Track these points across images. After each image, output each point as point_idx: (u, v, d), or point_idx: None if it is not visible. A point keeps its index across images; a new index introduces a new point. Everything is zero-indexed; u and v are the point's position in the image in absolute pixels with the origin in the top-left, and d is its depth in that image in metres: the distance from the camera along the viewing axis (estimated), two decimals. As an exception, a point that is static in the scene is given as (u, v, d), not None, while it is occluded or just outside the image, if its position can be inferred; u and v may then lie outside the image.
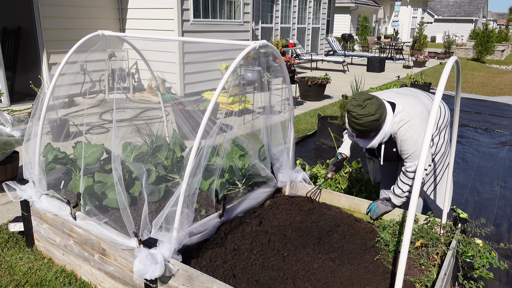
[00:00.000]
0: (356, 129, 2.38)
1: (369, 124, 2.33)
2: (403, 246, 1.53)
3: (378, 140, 2.48)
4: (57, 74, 2.63)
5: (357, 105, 2.32)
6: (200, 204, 2.78)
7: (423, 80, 9.48)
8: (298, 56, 13.36)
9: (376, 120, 2.32)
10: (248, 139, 3.27)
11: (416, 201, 1.54)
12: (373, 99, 2.33)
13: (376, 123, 2.34)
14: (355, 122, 2.34)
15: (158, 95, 5.53)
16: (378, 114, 2.32)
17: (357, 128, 2.38)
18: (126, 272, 2.30)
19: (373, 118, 2.31)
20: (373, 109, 2.30)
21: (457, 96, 2.19)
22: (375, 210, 2.75)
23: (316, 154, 5.41)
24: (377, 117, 2.32)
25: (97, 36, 2.75)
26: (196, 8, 7.99)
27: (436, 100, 1.59)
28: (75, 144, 3.10)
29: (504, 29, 31.60)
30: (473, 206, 3.99)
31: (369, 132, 2.39)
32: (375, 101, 2.33)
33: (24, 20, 7.66)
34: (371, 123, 2.32)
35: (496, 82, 13.07)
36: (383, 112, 2.35)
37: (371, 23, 25.67)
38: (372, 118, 2.30)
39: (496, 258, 2.40)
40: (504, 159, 5.45)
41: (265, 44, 2.26)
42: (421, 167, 1.54)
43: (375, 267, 2.30)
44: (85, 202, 2.55)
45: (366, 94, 2.36)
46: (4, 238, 3.05)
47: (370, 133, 2.40)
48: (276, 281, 2.14)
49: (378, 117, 2.32)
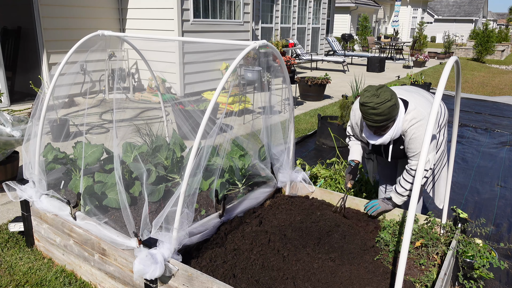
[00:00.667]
0: (376, 120, 2.32)
1: (388, 111, 2.29)
2: (403, 246, 1.53)
3: (390, 135, 2.45)
4: (57, 74, 2.63)
5: (371, 95, 2.29)
6: (200, 204, 2.78)
7: (423, 80, 9.48)
8: (298, 56, 13.36)
9: (394, 105, 2.29)
10: (248, 139, 3.27)
11: (416, 201, 1.54)
12: (384, 87, 2.33)
13: (395, 109, 2.31)
14: (374, 112, 2.29)
15: (158, 95, 5.53)
16: (394, 99, 2.30)
17: (376, 119, 2.32)
18: (126, 272, 2.30)
19: (390, 103, 2.27)
20: (388, 95, 2.28)
21: (457, 96, 2.19)
22: (375, 206, 2.75)
23: (316, 154, 5.41)
24: (394, 101, 2.29)
25: (97, 36, 2.75)
26: (196, 8, 7.99)
27: (436, 99, 1.59)
28: (75, 144, 3.09)
29: (504, 29, 31.60)
30: (473, 206, 3.99)
31: (388, 120, 2.34)
32: (386, 88, 2.32)
33: (24, 20, 7.65)
34: (390, 109, 2.28)
35: (496, 82, 13.07)
36: (396, 98, 2.33)
37: (371, 23, 25.67)
38: (390, 103, 2.27)
39: (496, 258, 2.40)
40: (504, 159, 5.45)
41: (265, 44, 2.26)
42: (421, 167, 1.54)
43: (375, 267, 2.30)
44: (85, 202, 2.55)
45: (376, 85, 2.36)
46: (4, 238, 3.05)
47: (389, 122, 2.35)
48: (276, 281, 2.14)
49: (395, 102, 2.30)
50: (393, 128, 2.43)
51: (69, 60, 2.69)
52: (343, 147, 5.53)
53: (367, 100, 2.30)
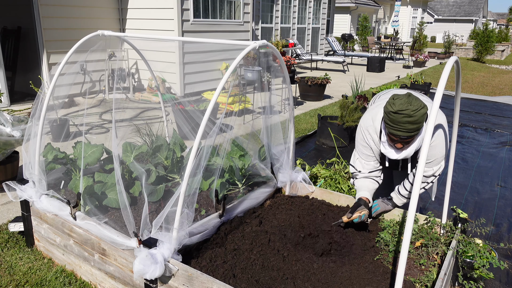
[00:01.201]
0: (409, 129, 2.20)
1: (422, 119, 2.17)
2: (403, 246, 1.53)
3: (415, 147, 2.34)
4: (57, 74, 2.63)
5: (405, 102, 2.17)
6: (200, 204, 2.78)
7: (423, 80, 9.48)
8: (298, 56, 13.36)
9: (426, 112, 2.19)
10: (248, 139, 3.27)
11: (416, 201, 1.54)
12: (412, 94, 2.23)
13: (426, 118, 2.22)
14: (409, 120, 2.16)
15: (158, 95, 5.53)
16: (426, 106, 2.20)
17: (410, 128, 2.19)
18: (126, 272, 2.30)
19: (424, 110, 2.17)
20: (420, 102, 2.18)
21: (457, 96, 2.19)
22: (375, 207, 2.73)
23: (316, 154, 5.41)
24: (426, 108, 2.19)
25: (97, 36, 2.75)
26: (196, 8, 7.99)
27: (436, 100, 1.59)
28: (75, 144, 3.09)
29: (504, 29, 31.61)
30: (473, 206, 3.99)
31: (421, 129, 2.25)
32: (414, 96, 2.23)
33: (24, 20, 7.65)
34: (423, 116, 2.17)
35: (496, 82, 13.07)
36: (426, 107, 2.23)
37: (371, 23, 25.67)
38: (424, 110, 2.16)
39: (496, 258, 2.40)
40: (504, 159, 5.45)
41: (265, 44, 2.26)
42: (421, 169, 1.54)
43: (375, 267, 2.30)
44: (85, 202, 2.55)
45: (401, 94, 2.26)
46: (4, 238, 3.05)
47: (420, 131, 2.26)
48: (276, 281, 2.14)
49: (427, 109, 2.20)
50: (418, 139, 2.34)
51: (69, 60, 2.69)
52: (343, 147, 5.53)
53: (402, 108, 2.16)
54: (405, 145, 2.35)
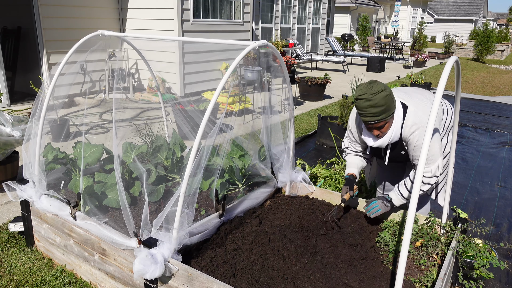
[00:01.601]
0: (373, 113, 2.29)
1: (384, 101, 2.26)
2: (403, 246, 1.53)
3: (388, 137, 2.42)
4: (57, 74, 2.63)
5: (364, 87, 2.29)
6: (200, 204, 2.78)
7: (423, 80, 9.49)
8: (298, 56, 13.36)
9: (388, 95, 2.27)
10: (248, 139, 3.27)
11: (416, 201, 1.53)
12: (377, 81, 2.32)
13: (390, 100, 2.29)
14: (369, 104, 2.27)
15: (158, 95, 5.53)
16: (387, 90, 2.28)
17: (373, 112, 2.29)
18: (126, 272, 2.30)
19: (385, 93, 2.26)
20: (381, 86, 2.28)
21: (457, 96, 2.19)
22: (375, 208, 2.70)
23: (316, 154, 5.41)
24: (388, 92, 2.28)
25: (97, 36, 2.75)
26: (196, 8, 7.99)
27: (436, 100, 1.59)
28: (75, 144, 3.09)
29: (504, 29, 31.61)
30: (473, 206, 3.99)
31: (386, 113, 2.30)
32: (379, 82, 2.32)
33: (24, 20, 7.65)
34: (385, 99, 2.26)
35: (496, 82, 13.07)
36: (391, 92, 2.31)
37: (371, 23, 25.66)
38: (384, 93, 2.26)
39: (496, 258, 2.40)
40: (504, 159, 5.45)
41: (265, 44, 2.26)
42: (421, 170, 1.54)
43: (375, 267, 2.30)
44: (85, 202, 2.55)
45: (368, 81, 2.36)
46: (4, 238, 3.05)
47: (387, 116, 2.32)
48: (276, 281, 2.14)
49: (389, 92, 2.29)
50: (391, 130, 2.40)
51: (69, 60, 2.69)
52: (343, 147, 5.53)
53: (360, 93, 2.29)
54: (381, 132, 2.42)
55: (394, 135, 2.43)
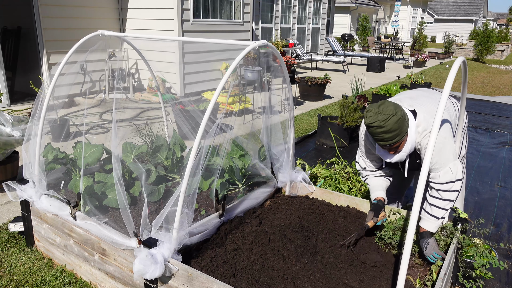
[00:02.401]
0: (387, 138, 2.21)
1: (397, 126, 2.18)
2: (406, 246, 1.53)
3: (406, 151, 2.31)
4: (57, 74, 2.63)
5: (374, 114, 2.19)
6: (200, 204, 2.78)
7: (423, 80, 9.48)
8: (298, 56, 13.36)
9: (400, 118, 2.18)
10: (248, 139, 3.27)
11: (420, 202, 1.53)
12: (386, 102, 2.22)
13: (403, 122, 2.20)
14: (382, 131, 2.18)
15: (158, 95, 5.53)
16: (399, 112, 2.19)
17: (387, 137, 2.20)
18: (126, 272, 2.30)
19: (396, 118, 2.17)
20: (391, 110, 2.18)
21: (463, 97, 2.18)
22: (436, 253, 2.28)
23: (316, 154, 5.41)
24: (400, 115, 2.18)
25: (97, 36, 2.75)
26: (196, 8, 7.99)
27: (441, 103, 1.57)
28: (75, 144, 3.10)
29: (504, 29, 31.61)
30: (473, 206, 3.99)
31: (400, 135, 2.22)
32: (388, 103, 2.22)
33: (24, 20, 7.65)
34: (397, 123, 2.18)
35: (496, 82, 13.07)
36: (402, 110, 2.22)
37: (371, 23, 25.67)
38: (395, 118, 2.17)
39: (496, 258, 2.40)
40: (504, 159, 5.45)
41: (265, 44, 2.26)
42: (425, 169, 1.54)
43: (376, 267, 2.30)
44: (85, 202, 2.55)
45: (377, 103, 2.25)
46: (4, 238, 3.05)
47: (401, 137, 2.23)
48: (276, 281, 2.14)
49: (401, 115, 2.19)
50: (407, 143, 2.30)
51: (69, 60, 2.69)
52: (343, 147, 5.53)
53: (371, 120, 2.19)
54: (396, 150, 2.33)
55: (411, 147, 2.33)
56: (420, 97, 2.48)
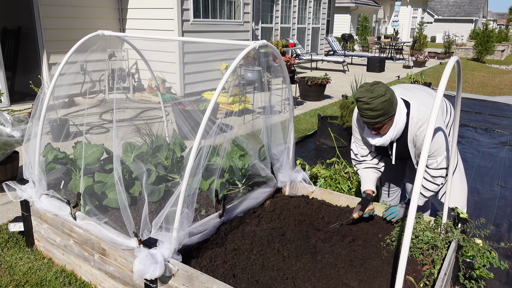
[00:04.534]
0: (370, 116, 2.31)
1: (382, 106, 2.27)
2: (403, 246, 1.53)
3: (390, 136, 2.42)
4: (57, 74, 2.63)
5: (365, 90, 2.29)
6: (200, 204, 2.78)
7: (423, 80, 9.48)
8: (298, 56, 13.36)
9: (388, 100, 2.27)
10: (248, 139, 3.27)
11: (416, 201, 1.53)
12: (380, 83, 2.31)
13: (390, 105, 2.29)
14: (368, 107, 2.28)
15: (158, 95, 5.53)
16: (388, 94, 2.28)
17: (371, 115, 2.30)
18: (126, 272, 2.30)
19: (384, 98, 2.26)
20: (382, 90, 2.27)
21: (457, 96, 2.19)
22: (395, 213, 2.65)
23: (316, 154, 5.41)
24: (388, 97, 2.27)
25: (97, 36, 2.75)
26: (196, 8, 7.99)
27: (437, 100, 1.59)
28: (75, 144, 3.09)
29: (504, 29, 31.59)
30: (473, 206, 3.99)
31: (384, 117, 2.31)
32: (382, 84, 2.31)
33: (24, 20, 7.65)
34: (384, 104, 2.27)
35: (496, 82, 13.07)
36: (392, 94, 2.31)
37: (371, 23, 25.66)
38: (383, 98, 2.26)
39: (496, 258, 2.40)
40: (504, 159, 5.45)
41: (265, 44, 2.26)
42: (422, 166, 1.54)
43: (376, 267, 2.30)
44: (85, 202, 2.55)
45: (372, 81, 2.34)
46: (4, 238, 3.05)
47: (385, 119, 2.32)
48: (276, 281, 2.14)
49: (389, 97, 2.28)
50: (392, 129, 2.41)
51: (69, 60, 2.69)
52: (343, 147, 5.53)
53: (360, 95, 2.30)
54: (380, 132, 2.43)
55: (396, 134, 2.43)
56: (414, 89, 2.58)
